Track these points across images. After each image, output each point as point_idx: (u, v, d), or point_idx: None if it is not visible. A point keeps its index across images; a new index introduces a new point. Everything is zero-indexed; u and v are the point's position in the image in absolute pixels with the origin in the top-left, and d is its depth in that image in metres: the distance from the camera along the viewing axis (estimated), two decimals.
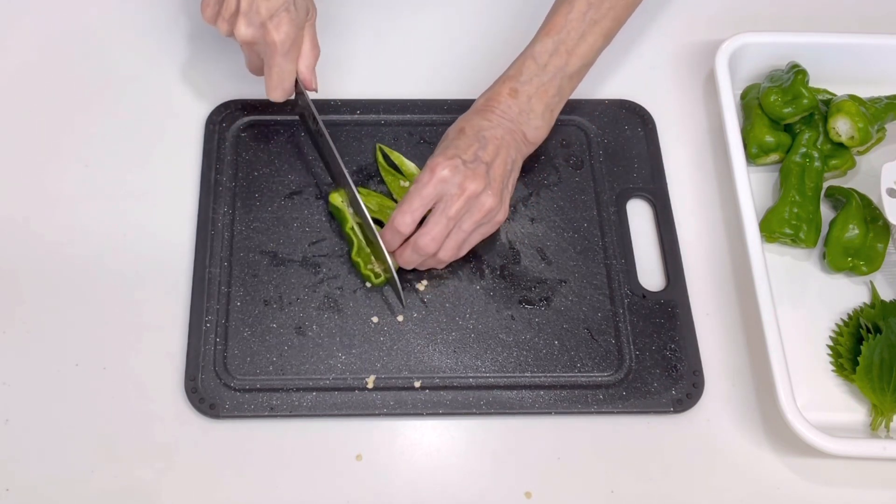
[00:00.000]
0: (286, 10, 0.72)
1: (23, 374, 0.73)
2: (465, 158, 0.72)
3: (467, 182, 0.71)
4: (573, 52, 0.76)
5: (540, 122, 0.77)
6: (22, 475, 0.69)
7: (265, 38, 0.72)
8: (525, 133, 0.77)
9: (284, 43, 0.72)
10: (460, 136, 0.74)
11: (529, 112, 0.76)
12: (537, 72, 0.76)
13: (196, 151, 0.83)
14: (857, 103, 0.81)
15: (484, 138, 0.74)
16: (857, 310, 0.77)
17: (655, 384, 0.74)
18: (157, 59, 0.89)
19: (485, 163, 0.73)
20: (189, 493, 0.69)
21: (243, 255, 0.78)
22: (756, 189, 0.83)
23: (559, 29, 0.76)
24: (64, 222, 0.80)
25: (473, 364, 0.74)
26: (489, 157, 0.73)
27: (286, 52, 0.73)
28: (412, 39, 0.92)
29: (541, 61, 0.76)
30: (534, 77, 0.76)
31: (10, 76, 0.88)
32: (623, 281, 0.78)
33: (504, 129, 0.75)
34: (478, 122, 0.75)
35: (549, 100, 0.77)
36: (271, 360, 0.73)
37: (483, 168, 0.72)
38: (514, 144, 0.76)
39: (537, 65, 0.76)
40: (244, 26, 0.72)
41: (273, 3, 0.71)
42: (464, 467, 0.71)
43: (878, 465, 0.72)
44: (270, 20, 0.72)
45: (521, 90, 0.76)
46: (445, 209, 0.72)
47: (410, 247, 0.73)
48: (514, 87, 0.76)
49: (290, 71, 0.75)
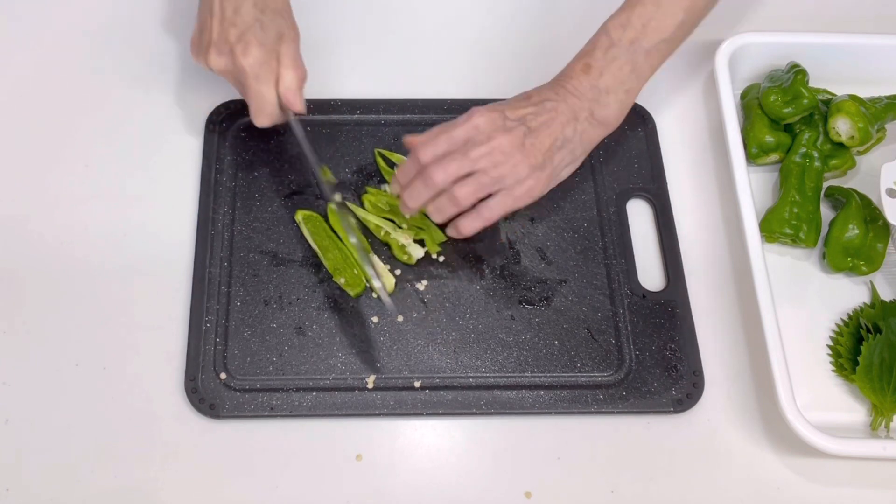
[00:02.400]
0: (252, 34, 0.71)
1: (23, 374, 0.73)
2: (509, 116, 0.71)
3: (498, 134, 0.70)
4: (648, 24, 0.72)
5: (611, 100, 0.74)
6: (22, 475, 0.69)
7: (235, 63, 0.72)
8: (593, 112, 0.74)
9: (253, 66, 0.72)
10: (521, 99, 0.73)
11: (601, 89, 0.74)
12: (610, 46, 0.73)
13: (196, 151, 0.83)
14: (857, 103, 0.81)
15: (542, 107, 0.72)
16: (857, 310, 0.77)
17: (655, 384, 0.74)
18: (157, 59, 0.89)
19: (528, 127, 0.71)
20: (189, 493, 0.69)
21: (243, 255, 0.78)
22: (756, 189, 0.83)
23: (634, 4, 0.73)
24: (64, 222, 0.80)
25: (473, 364, 0.74)
26: (536, 123, 0.71)
27: (256, 76, 0.72)
28: (412, 39, 0.92)
29: (614, 35, 0.73)
30: (607, 52, 0.73)
31: (12, 77, 0.88)
32: (623, 281, 0.78)
33: (569, 104, 0.73)
34: (546, 92, 0.74)
35: (624, 77, 0.73)
36: (271, 360, 0.73)
37: (522, 130, 0.71)
38: (574, 122, 0.73)
39: (610, 39, 0.73)
40: (215, 56, 0.73)
41: (240, 28, 0.71)
42: (464, 467, 0.71)
43: (878, 465, 0.72)
44: (237, 44, 0.71)
45: (594, 66, 0.73)
46: (467, 150, 0.70)
47: (420, 178, 0.71)
48: (588, 63, 0.74)
49: (268, 94, 0.73)
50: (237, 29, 0.72)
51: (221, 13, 0.72)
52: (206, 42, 0.73)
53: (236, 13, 0.72)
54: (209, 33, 0.73)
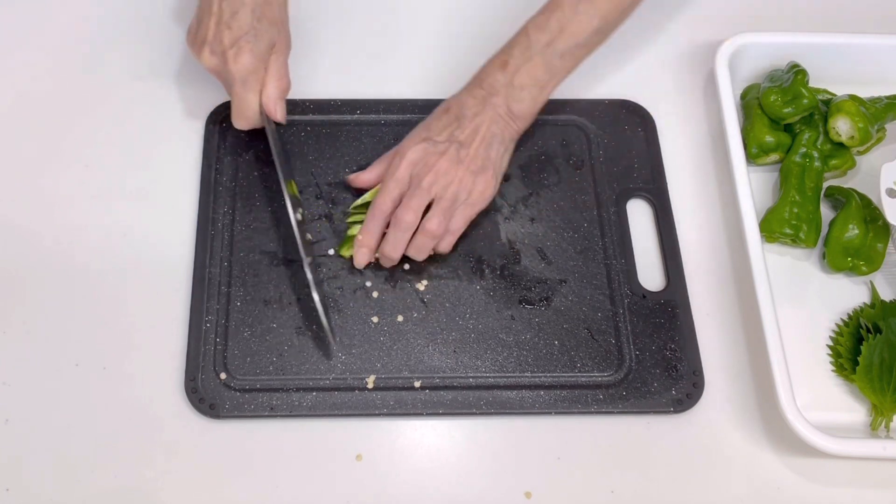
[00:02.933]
0: (246, 41, 0.74)
1: (23, 374, 0.73)
2: (437, 140, 0.75)
3: (434, 159, 0.74)
4: (565, 28, 0.76)
5: (525, 96, 0.77)
6: (22, 475, 0.69)
7: (225, 66, 0.75)
8: (510, 107, 0.78)
9: (241, 72, 0.74)
10: (441, 117, 0.77)
11: (516, 85, 0.77)
12: (528, 46, 0.77)
13: (196, 151, 0.83)
14: (857, 103, 0.81)
15: (463, 117, 0.77)
16: (857, 310, 0.77)
17: (655, 384, 0.74)
18: (157, 59, 0.89)
19: (458, 142, 0.75)
20: (189, 492, 0.69)
21: (243, 255, 0.78)
22: (756, 189, 0.83)
23: (555, 7, 0.77)
24: (64, 222, 0.80)
25: (473, 364, 0.74)
26: (465, 135, 0.76)
27: (244, 82, 0.75)
28: (412, 39, 0.92)
29: (532, 36, 0.77)
30: (524, 51, 0.77)
31: (12, 76, 0.88)
32: (623, 281, 0.78)
33: (487, 103, 0.77)
34: (464, 98, 0.78)
35: (538, 75, 0.77)
36: (271, 360, 0.73)
37: (454, 147, 0.75)
38: (496, 121, 0.77)
39: (528, 39, 0.77)
40: (208, 55, 0.75)
41: (234, 33, 0.74)
42: (464, 467, 0.71)
43: (878, 465, 0.72)
44: (230, 49, 0.74)
45: (511, 63, 0.77)
46: (419, 182, 0.74)
47: (393, 226, 0.74)
48: (505, 60, 0.78)
49: (251, 100, 0.76)
50: (232, 33, 0.74)
51: (219, 14, 0.74)
52: (202, 38, 0.75)
53: (233, 17, 0.74)
54: (205, 30, 0.75)
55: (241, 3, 0.74)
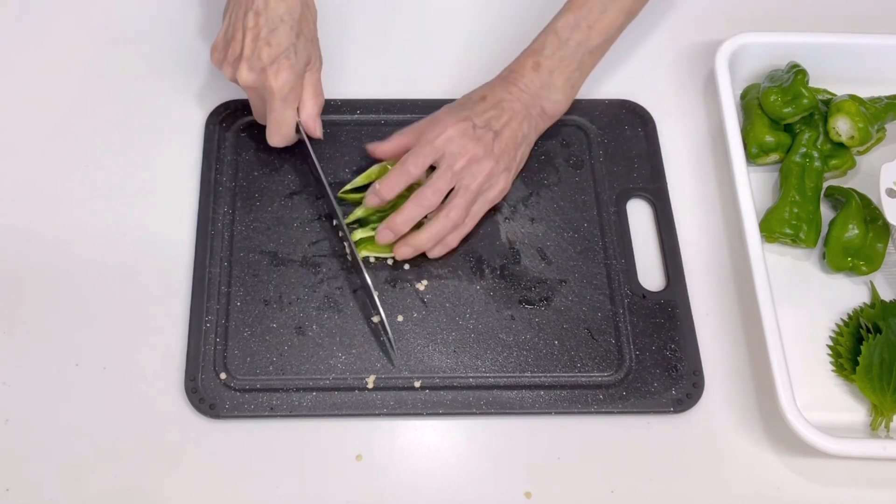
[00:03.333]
0: (286, 58, 0.73)
1: (23, 374, 0.73)
2: (476, 123, 0.75)
3: (471, 144, 0.74)
4: (594, 26, 0.78)
5: (560, 97, 0.80)
6: (22, 475, 0.69)
7: (264, 83, 0.74)
8: (544, 107, 0.80)
9: (282, 89, 0.74)
10: (480, 103, 0.77)
11: (550, 86, 0.79)
12: (559, 46, 0.78)
13: (196, 151, 0.83)
14: (857, 103, 0.81)
15: (501, 109, 0.77)
16: (857, 310, 0.77)
17: (655, 384, 0.74)
18: (157, 59, 0.89)
19: (493, 131, 0.75)
20: (189, 492, 0.69)
21: (243, 255, 0.78)
22: (756, 189, 0.83)
23: (581, 4, 0.78)
24: (64, 223, 0.80)
25: (473, 364, 0.74)
26: (500, 126, 0.76)
27: (284, 98, 0.75)
28: (412, 40, 0.92)
29: (563, 36, 0.78)
30: (556, 52, 0.78)
31: (13, 76, 0.88)
32: (623, 281, 0.78)
33: (522, 102, 0.78)
34: (500, 92, 0.78)
35: (571, 74, 0.79)
36: (271, 360, 0.73)
37: (490, 136, 0.75)
38: (528, 119, 0.78)
39: (559, 39, 0.78)
40: (246, 71, 0.74)
41: (274, 50, 0.73)
42: (464, 467, 0.71)
43: (878, 465, 0.72)
44: (270, 66, 0.73)
45: (544, 64, 0.79)
46: (451, 164, 0.74)
47: (413, 200, 0.74)
48: (538, 61, 0.79)
49: (289, 117, 0.76)
50: (272, 50, 0.73)
51: (256, 30, 0.73)
52: (236, 55, 0.74)
53: (272, 34, 0.73)
54: (239, 46, 0.74)
55: (279, 20, 0.73)
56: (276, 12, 0.73)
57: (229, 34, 0.75)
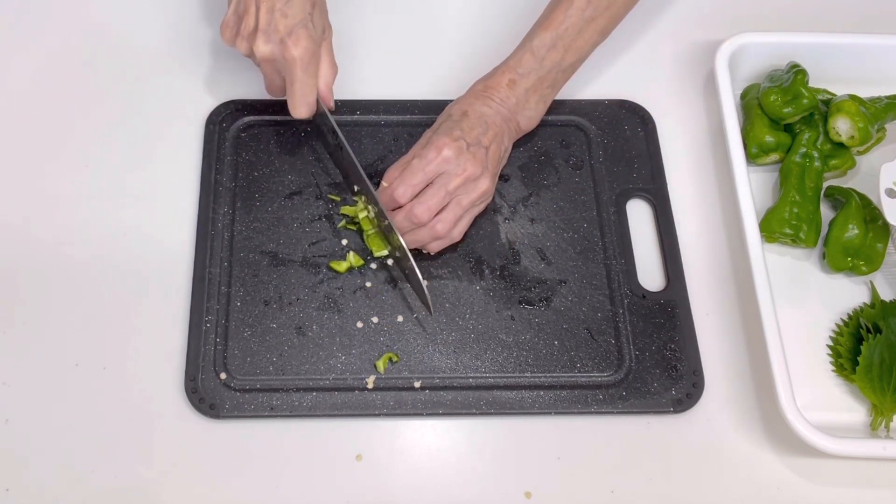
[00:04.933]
0: (304, 27, 0.73)
1: (23, 374, 0.73)
2: (468, 141, 0.75)
3: (468, 164, 0.74)
4: (570, 47, 0.79)
5: (533, 113, 0.81)
6: (22, 475, 0.69)
7: (284, 54, 0.73)
8: (519, 122, 0.81)
9: (304, 58, 0.73)
10: (464, 119, 0.77)
11: (525, 103, 0.80)
12: (535, 66, 0.79)
13: (196, 151, 0.83)
14: (857, 103, 0.81)
15: (486, 124, 0.77)
16: (857, 310, 0.77)
17: (655, 384, 0.74)
18: (157, 59, 0.89)
19: (484, 147, 0.76)
20: (189, 492, 0.69)
21: (243, 255, 0.78)
22: (756, 189, 0.83)
23: (558, 24, 0.79)
24: (64, 223, 0.80)
25: (473, 364, 0.74)
26: (488, 141, 0.77)
27: (306, 67, 0.74)
28: (412, 40, 0.92)
29: (539, 55, 0.79)
30: (531, 71, 0.79)
31: (12, 76, 0.88)
32: (623, 281, 0.78)
33: (502, 117, 0.79)
34: (480, 107, 0.78)
35: (544, 91, 0.81)
36: (271, 360, 0.73)
37: (483, 152, 0.76)
38: (508, 133, 0.80)
39: (535, 58, 0.79)
40: (263, 43, 0.73)
41: (291, 20, 0.73)
42: (464, 467, 0.71)
43: (878, 465, 0.72)
44: (289, 36, 0.73)
45: (520, 82, 0.79)
46: (445, 184, 0.74)
47: (404, 213, 0.75)
48: (513, 79, 0.79)
49: (312, 86, 0.76)
50: (289, 20, 0.73)
51: (271, 2, 0.73)
52: (250, 27, 0.74)
53: (288, 4, 0.73)
54: (253, 20, 0.73)
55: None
56: None
57: (240, 9, 0.75)
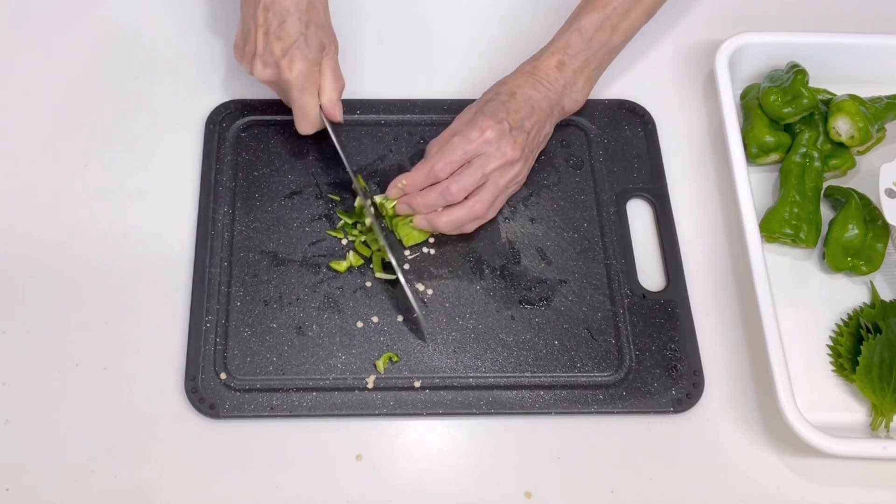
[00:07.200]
0: (297, 48, 0.74)
1: (23, 374, 0.73)
2: (511, 124, 0.76)
3: (508, 148, 0.75)
4: (617, 27, 0.80)
5: (579, 95, 0.82)
6: (22, 475, 0.69)
7: (280, 76, 0.75)
8: (564, 105, 0.81)
9: (298, 79, 0.75)
10: (511, 100, 0.77)
11: (573, 85, 0.81)
12: (583, 46, 0.79)
13: (196, 151, 0.83)
14: (857, 103, 0.81)
15: (532, 108, 0.77)
16: (857, 310, 0.77)
17: (655, 384, 0.74)
18: (157, 59, 0.89)
19: (526, 131, 0.76)
20: (189, 493, 0.69)
21: (243, 255, 0.78)
22: (756, 189, 0.83)
23: (605, 5, 0.79)
24: (64, 222, 0.80)
25: (473, 364, 0.74)
26: (530, 126, 0.77)
27: (301, 88, 0.75)
28: (412, 40, 0.92)
29: (587, 36, 0.79)
30: (580, 52, 0.80)
31: (12, 77, 0.88)
32: (623, 281, 0.78)
33: (549, 102, 0.79)
34: (528, 90, 0.78)
35: (591, 73, 0.81)
36: (271, 360, 0.73)
37: (524, 137, 0.76)
38: (551, 118, 0.80)
39: (583, 39, 0.79)
40: (261, 68, 0.75)
41: (285, 43, 0.74)
42: (464, 467, 0.71)
43: (878, 465, 0.72)
44: (283, 59, 0.74)
45: (568, 63, 0.80)
46: (484, 165, 0.75)
47: (439, 190, 0.75)
48: (562, 60, 0.80)
49: (311, 104, 0.77)
50: (282, 43, 0.74)
51: (266, 25, 0.74)
52: (251, 52, 0.76)
53: (281, 27, 0.74)
54: (253, 43, 0.75)
55: (286, 12, 0.74)
56: (283, 5, 0.73)
57: (245, 31, 0.76)
